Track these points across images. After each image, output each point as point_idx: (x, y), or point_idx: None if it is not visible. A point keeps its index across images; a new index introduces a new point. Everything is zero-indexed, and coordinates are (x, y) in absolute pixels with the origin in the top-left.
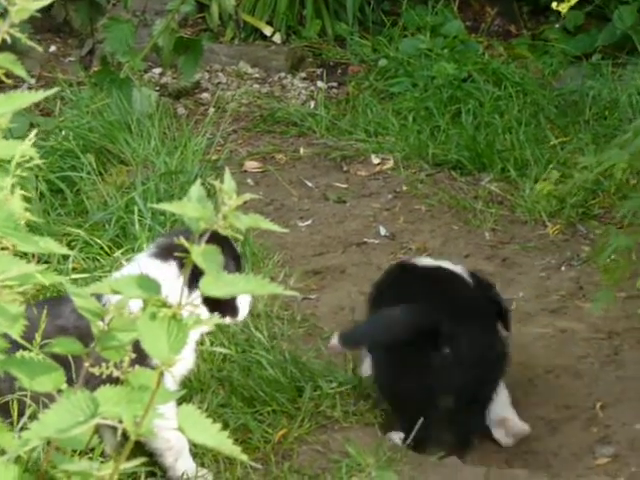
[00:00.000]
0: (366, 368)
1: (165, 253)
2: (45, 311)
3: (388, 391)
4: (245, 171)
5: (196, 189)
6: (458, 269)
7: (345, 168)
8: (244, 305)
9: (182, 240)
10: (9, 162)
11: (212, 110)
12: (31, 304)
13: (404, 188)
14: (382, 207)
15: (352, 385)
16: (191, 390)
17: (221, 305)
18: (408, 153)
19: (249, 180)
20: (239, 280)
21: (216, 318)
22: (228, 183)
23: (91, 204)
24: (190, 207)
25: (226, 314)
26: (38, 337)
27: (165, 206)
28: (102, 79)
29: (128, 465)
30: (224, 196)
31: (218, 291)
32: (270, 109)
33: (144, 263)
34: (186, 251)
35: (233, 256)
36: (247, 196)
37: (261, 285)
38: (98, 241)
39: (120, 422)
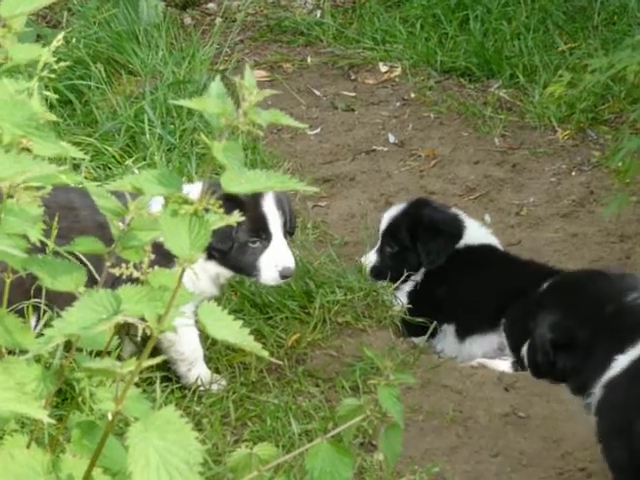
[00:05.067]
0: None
1: None
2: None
3: None
4: None
5: (216, 85)
6: None
7: (353, 76)
8: (266, 267)
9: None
10: (26, 66)
11: (219, 20)
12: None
13: (412, 95)
14: (391, 115)
15: (364, 291)
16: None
17: (238, 264)
18: (416, 60)
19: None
20: (260, 176)
21: (237, 216)
22: (249, 78)
23: (100, 114)
24: (211, 103)
25: (243, 272)
26: (52, 238)
27: (185, 102)
28: None
29: (150, 362)
30: (244, 92)
31: (239, 187)
32: (277, 18)
33: None
34: None
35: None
36: (267, 92)
37: (282, 181)
38: (109, 149)
39: (142, 320)
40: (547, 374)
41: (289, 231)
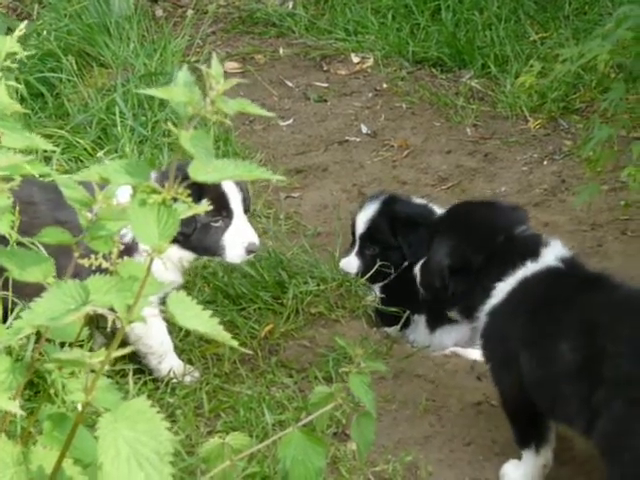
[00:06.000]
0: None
1: None
2: (47, 197)
3: None
4: (225, 72)
5: (183, 74)
6: None
7: (325, 67)
8: (231, 245)
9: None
10: None
11: (190, 12)
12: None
13: (385, 86)
14: (363, 105)
15: (337, 281)
16: (177, 288)
17: (202, 245)
18: (388, 51)
19: None
20: (228, 165)
21: (205, 205)
22: (216, 67)
23: (72, 106)
24: (177, 92)
25: (207, 253)
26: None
27: (152, 91)
28: None
29: (119, 353)
30: (211, 80)
31: (207, 176)
32: (249, 10)
33: None
34: None
35: None
36: (234, 81)
37: (250, 170)
38: (81, 141)
39: (112, 310)
40: (438, 296)
41: (246, 208)
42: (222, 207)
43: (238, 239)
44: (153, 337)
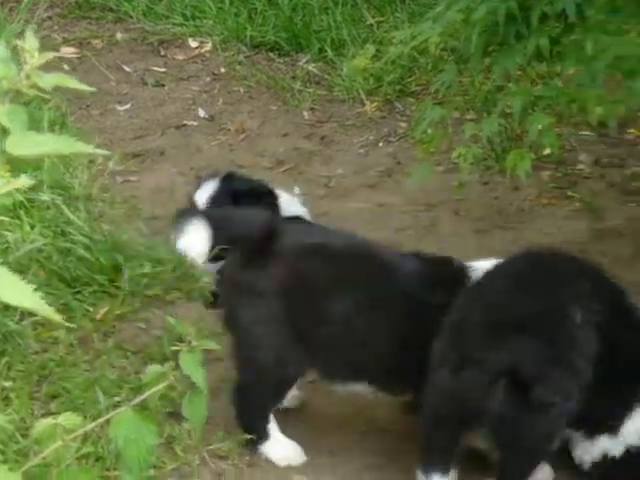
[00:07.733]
0: None
1: None
2: None
3: None
4: (61, 57)
5: None
6: None
7: (163, 52)
8: None
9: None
10: None
11: None
12: None
13: (222, 70)
14: (201, 90)
15: (173, 263)
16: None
17: None
18: (226, 36)
19: (65, 66)
20: (47, 139)
21: (25, 179)
22: (30, 41)
23: None
24: None
25: None
26: None
27: None
28: None
29: None
30: (26, 54)
31: (25, 150)
32: None
33: None
34: None
35: None
36: (49, 54)
37: (69, 144)
38: None
39: None
40: None
41: None
42: None
43: None
44: None
